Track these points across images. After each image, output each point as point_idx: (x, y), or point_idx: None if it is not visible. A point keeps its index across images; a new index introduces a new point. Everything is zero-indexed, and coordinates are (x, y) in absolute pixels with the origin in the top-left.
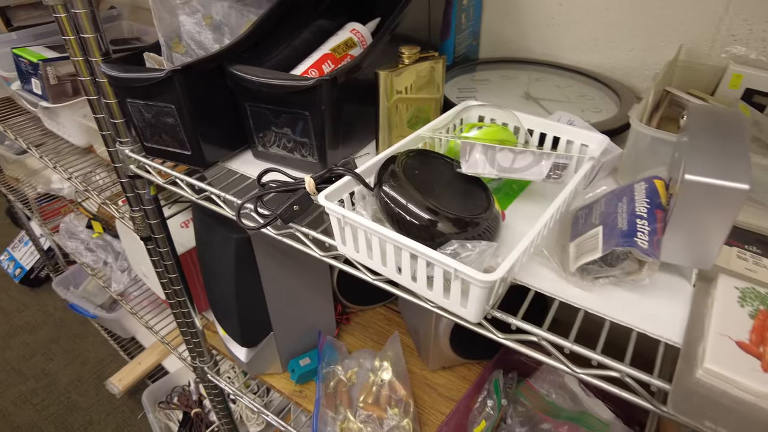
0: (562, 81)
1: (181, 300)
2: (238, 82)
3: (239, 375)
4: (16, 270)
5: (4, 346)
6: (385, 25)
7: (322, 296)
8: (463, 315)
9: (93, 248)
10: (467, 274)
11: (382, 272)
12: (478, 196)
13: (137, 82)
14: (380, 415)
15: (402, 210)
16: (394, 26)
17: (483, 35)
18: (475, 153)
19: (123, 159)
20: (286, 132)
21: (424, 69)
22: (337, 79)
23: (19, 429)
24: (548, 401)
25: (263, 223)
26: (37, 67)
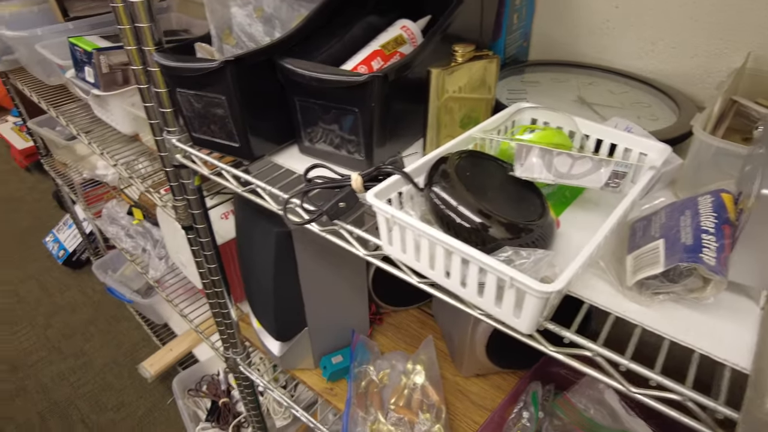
0: (616, 86)
1: (218, 290)
2: (289, 76)
3: (269, 369)
4: (60, 251)
5: (46, 324)
6: (438, 23)
7: (357, 295)
8: (516, 326)
9: (132, 234)
10: (524, 284)
11: (429, 275)
12: (532, 201)
13: (189, 71)
14: (412, 419)
15: (452, 212)
16: (447, 25)
17: (534, 37)
18: (531, 156)
19: (169, 148)
20: (333, 128)
21: (477, 68)
22: (388, 76)
23: (57, 404)
24: (586, 416)
25: (308, 219)
26: (91, 56)
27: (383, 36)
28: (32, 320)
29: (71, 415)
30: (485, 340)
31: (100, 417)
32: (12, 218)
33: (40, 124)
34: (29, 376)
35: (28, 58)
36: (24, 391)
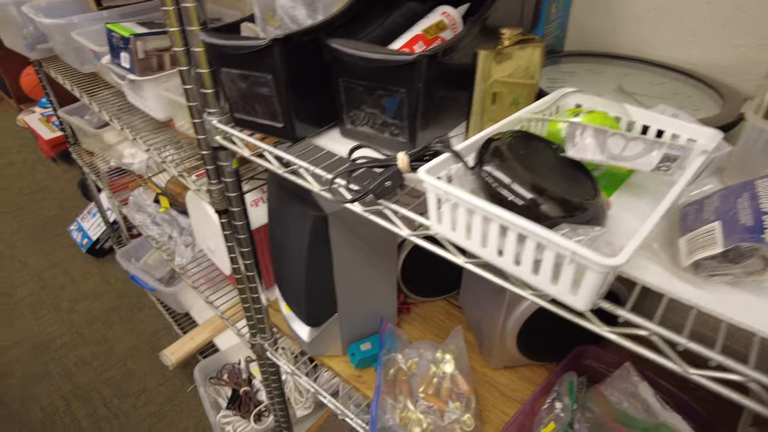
0: (654, 78)
1: (250, 275)
2: (336, 56)
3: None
4: (84, 240)
5: (71, 310)
6: (483, 8)
7: (387, 283)
8: (572, 303)
9: (159, 222)
10: (587, 258)
11: (481, 254)
12: (583, 182)
13: (238, 49)
14: (441, 407)
15: (505, 189)
16: (491, 10)
17: (570, 27)
18: (585, 136)
19: (209, 130)
20: (377, 110)
21: (523, 53)
22: (436, 56)
23: (80, 388)
24: (619, 410)
25: (355, 197)
26: (128, 42)
27: (424, 21)
28: (56, 306)
29: (94, 399)
30: (516, 332)
31: (122, 402)
32: (38, 207)
33: (69, 113)
34: (53, 360)
35: (63, 46)
36: (49, 375)
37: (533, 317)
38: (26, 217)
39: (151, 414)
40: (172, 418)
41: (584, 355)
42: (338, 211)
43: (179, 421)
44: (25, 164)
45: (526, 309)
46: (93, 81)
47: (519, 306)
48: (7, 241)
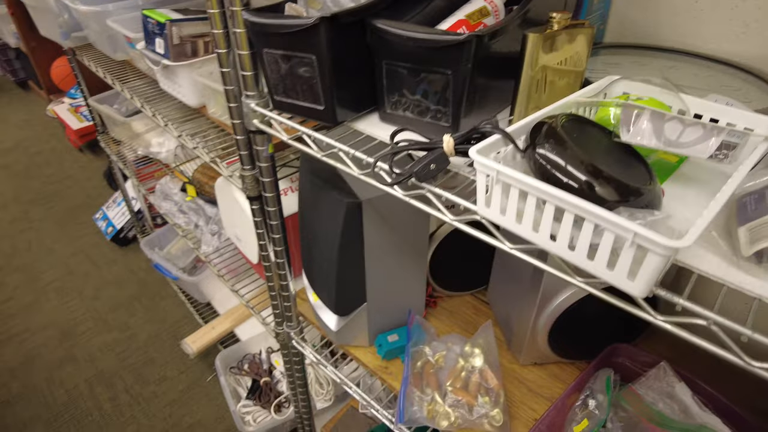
0: (700, 70)
1: (279, 262)
2: (382, 36)
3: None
4: (108, 228)
5: (95, 297)
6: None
7: (416, 275)
8: (629, 289)
9: (185, 211)
10: (651, 239)
11: (532, 239)
12: (638, 168)
13: (283, 28)
14: (470, 401)
15: (560, 172)
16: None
17: (611, 19)
18: (641, 121)
19: (247, 113)
20: (420, 93)
21: (572, 38)
22: (484, 37)
23: (103, 373)
24: (654, 410)
25: (398, 180)
26: (164, 27)
27: (468, 6)
28: (81, 292)
29: (116, 384)
30: (549, 328)
31: (143, 389)
32: (65, 195)
33: (99, 101)
34: (78, 345)
35: (98, 34)
36: (73, 359)
37: (567, 313)
38: (53, 205)
39: (172, 401)
40: (191, 406)
41: (618, 353)
42: (372, 199)
43: (198, 409)
44: (53, 153)
45: (560, 304)
46: (125, 69)
47: (553, 301)
48: (35, 228)
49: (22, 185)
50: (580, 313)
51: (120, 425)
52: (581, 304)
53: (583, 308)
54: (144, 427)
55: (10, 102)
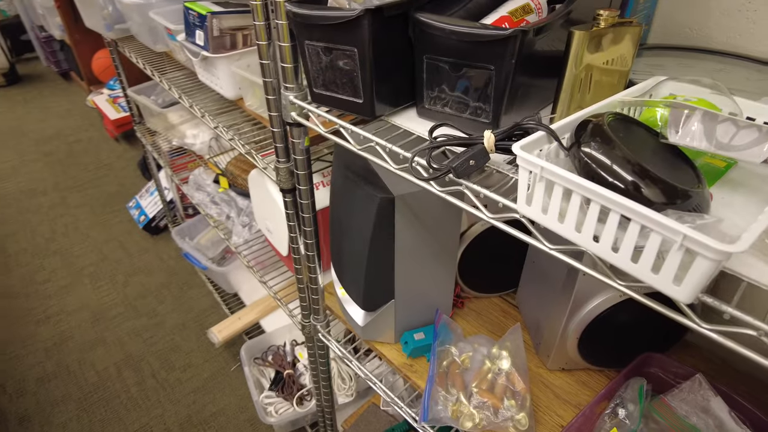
0: (752, 74)
1: (309, 255)
2: (424, 30)
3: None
4: (141, 217)
5: (125, 283)
6: None
7: (446, 274)
8: (674, 294)
9: (218, 202)
10: (702, 242)
11: (573, 239)
12: (686, 170)
13: (327, 20)
14: (496, 404)
15: (605, 171)
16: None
17: (656, 20)
18: (692, 121)
19: (285, 105)
20: (460, 89)
21: (619, 36)
22: (529, 33)
23: (131, 357)
24: (687, 423)
25: (436, 175)
26: (204, 19)
27: (511, 3)
28: (113, 278)
29: (143, 369)
30: (579, 333)
31: (169, 375)
32: (101, 183)
33: (137, 92)
34: (108, 329)
35: (139, 26)
36: (103, 342)
37: (599, 319)
38: (90, 192)
39: (196, 389)
40: (215, 394)
41: (650, 362)
42: (405, 195)
43: (222, 398)
44: (90, 142)
45: (593, 310)
46: (164, 60)
47: (585, 306)
48: (73, 214)
49: (62, 172)
50: (613, 320)
51: (146, 409)
52: (615, 310)
53: (617, 315)
54: (168, 412)
55: (53, 92)
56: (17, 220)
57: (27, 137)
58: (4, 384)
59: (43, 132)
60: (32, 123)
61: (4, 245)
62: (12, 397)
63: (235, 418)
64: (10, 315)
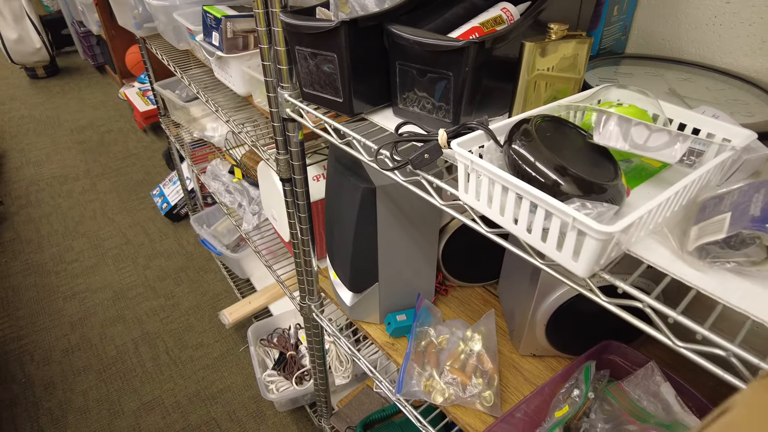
0: (714, 84)
1: (304, 239)
2: (394, 39)
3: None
4: (163, 204)
5: (146, 266)
6: (537, 3)
7: (427, 261)
8: (573, 269)
9: (231, 191)
10: (584, 224)
11: (499, 222)
12: (606, 167)
13: (311, 29)
14: (464, 381)
15: (529, 167)
16: (545, 6)
17: (633, 30)
18: (610, 124)
19: (281, 102)
20: (427, 92)
21: (569, 47)
22: (484, 44)
23: (148, 335)
24: (638, 406)
25: (396, 166)
26: (220, 22)
27: (484, 15)
28: (135, 260)
29: (158, 346)
30: (546, 321)
31: (182, 352)
32: (128, 171)
33: (163, 86)
34: (128, 308)
35: (165, 25)
36: (123, 320)
37: (563, 308)
38: (118, 179)
39: (206, 366)
40: (222, 372)
41: (609, 349)
42: (386, 186)
43: (229, 376)
44: (120, 133)
45: (557, 299)
46: (186, 58)
47: (551, 295)
48: (101, 200)
49: (93, 160)
50: (577, 310)
51: (159, 382)
52: (577, 300)
53: (580, 305)
54: (179, 386)
55: (89, 84)
56: (50, 204)
57: (63, 126)
58: (33, 353)
59: (77, 122)
60: (68, 113)
61: (38, 226)
62: (39, 365)
63: (240, 395)
64: (42, 290)
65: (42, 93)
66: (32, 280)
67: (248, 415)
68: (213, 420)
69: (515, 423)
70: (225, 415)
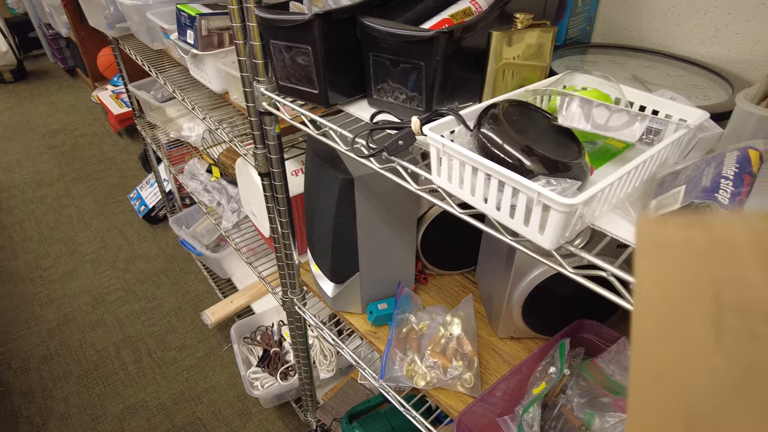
0: (673, 70)
1: (285, 232)
2: (367, 31)
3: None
4: (141, 207)
5: (125, 269)
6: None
7: (406, 250)
8: (540, 242)
9: (210, 190)
10: (549, 197)
11: (470, 202)
12: (570, 147)
13: (285, 23)
14: (445, 364)
15: (497, 149)
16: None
17: (598, 21)
18: (572, 106)
19: (257, 96)
20: (400, 82)
21: (534, 36)
22: (453, 33)
23: (129, 338)
24: (612, 380)
25: (371, 153)
26: (194, 20)
27: (454, 7)
28: (114, 264)
29: (140, 348)
30: (522, 302)
31: (165, 354)
32: (104, 175)
33: (138, 87)
34: (108, 312)
35: (138, 25)
36: (104, 324)
37: (539, 289)
38: (93, 184)
39: (189, 367)
40: (207, 372)
41: (583, 328)
42: (364, 176)
43: (213, 376)
44: (95, 136)
45: (532, 280)
46: (161, 58)
47: (526, 277)
48: (77, 205)
49: (67, 164)
50: (552, 290)
51: (142, 385)
52: (552, 281)
53: (555, 286)
54: (163, 388)
55: (60, 88)
56: (23, 210)
57: (33, 132)
58: (10, 361)
59: (49, 126)
60: (39, 118)
61: (11, 234)
62: (17, 373)
63: (225, 394)
64: (17, 298)
65: (10, 98)
66: (6, 289)
67: (234, 413)
68: (198, 420)
69: (495, 402)
70: (210, 415)
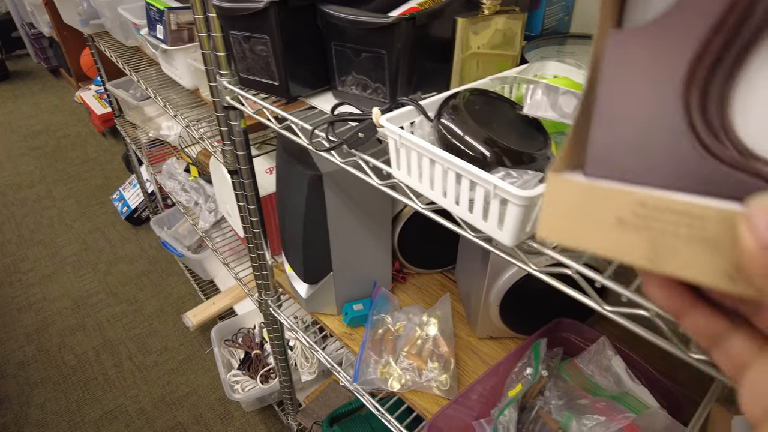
0: None
1: (256, 231)
2: (327, 19)
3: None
4: (123, 208)
5: (107, 272)
6: None
7: (382, 248)
8: (500, 238)
9: (188, 189)
10: (505, 190)
11: (430, 196)
12: (536, 138)
13: (240, 11)
14: (420, 365)
15: (458, 141)
16: None
17: (576, 11)
18: (537, 93)
19: (221, 90)
20: (364, 73)
21: (502, 23)
22: (416, 20)
23: (110, 342)
24: (591, 381)
25: (330, 146)
26: (163, 14)
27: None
28: (95, 267)
29: (121, 352)
30: (499, 301)
31: (146, 358)
32: (87, 176)
33: (116, 86)
34: (89, 315)
35: (112, 21)
36: (84, 328)
37: (515, 288)
38: (75, 185)
39: (171, 371)
40: (188, 375)
41: (562, 327)
42: (333, 173)
43: (195, 379)
44: (78, 137)
45: (508, 279)
46: (136, 55)
47: (502, 276)
48: (58, 206)
49: (49, 165)
50: (528, 289)
51: (122, 389)
52: (528, 280)
53: (531, 284)
54: (143, 392)
55: (43, 88)
56: (2, 213)
57: (16, 132)
58: None
59: (31, 127)
60: (21, 118)
61: None
62: None
63: (206, 397)
64: None
65: None
66: None
67: (215, 417)
68: (179, 424)
69: (471, 405)
70: (191, 419)
